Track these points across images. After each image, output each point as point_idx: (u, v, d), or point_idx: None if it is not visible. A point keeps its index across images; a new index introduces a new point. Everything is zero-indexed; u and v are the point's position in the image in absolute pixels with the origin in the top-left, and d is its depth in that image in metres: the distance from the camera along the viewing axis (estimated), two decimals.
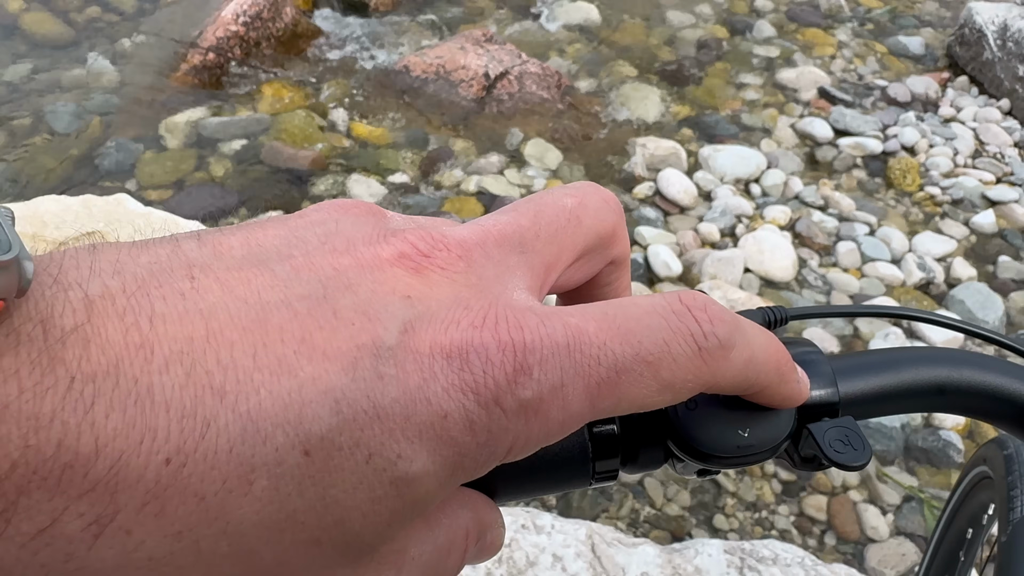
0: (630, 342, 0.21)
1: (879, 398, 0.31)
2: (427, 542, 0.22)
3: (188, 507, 0.17)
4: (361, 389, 0.18)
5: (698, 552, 1.54)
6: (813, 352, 0.31)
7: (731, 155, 2.57)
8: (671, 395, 0.22)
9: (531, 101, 2.74)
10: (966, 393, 0.32)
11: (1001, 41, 2.95)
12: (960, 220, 2.47)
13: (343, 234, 0.22)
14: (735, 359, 0.23)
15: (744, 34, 3.23)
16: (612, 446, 0.28)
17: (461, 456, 0.19)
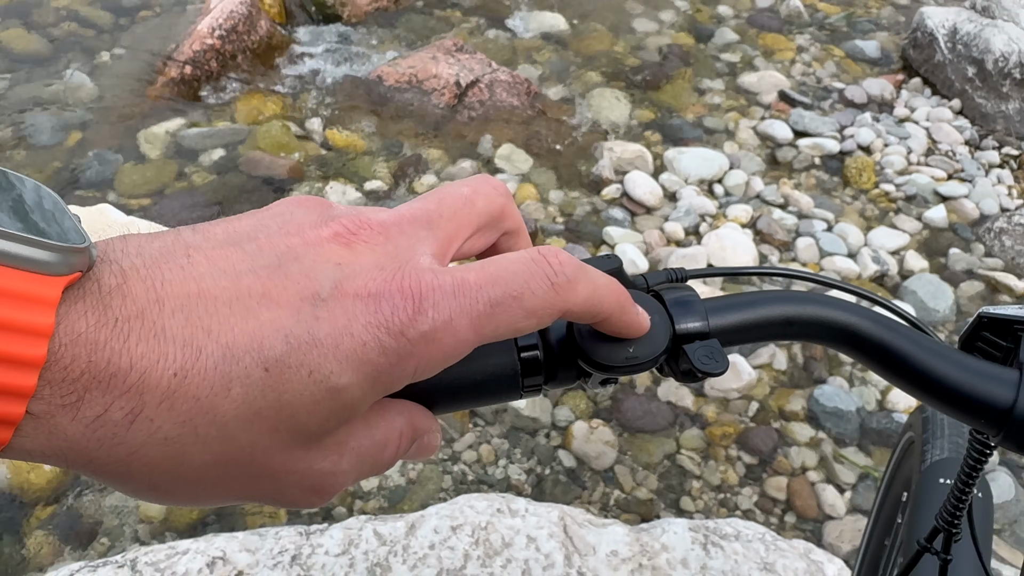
0: (500, 284, 0.29)
1: (742, 329, 0.40)
2: (365, 437, 0.31)
3: (189, 404, 0.26)
4: (303, 327, 0.27)
5: (664, 530, 1.62)
6: (691, 295, 0.40)
7: (695, 157, 2.67)
8: (536, 320, 0.30)
9: (502, 108, 2.83)
10: (808, 323, 0.41)
11: (951, 44, 3.08)
12: (913, 215, 2.58)
13: (295, 221, 0.31)
14: (581, 291, 0.31)
15: (707, 40, 3.34)
16: (536, 367, 0.37)
17: (378, 372, 0.28)
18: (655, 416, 1.95)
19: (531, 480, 1.84)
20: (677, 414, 1.97)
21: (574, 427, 1.91)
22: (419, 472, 1.82)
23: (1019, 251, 2.47)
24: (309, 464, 0.29)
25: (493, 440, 1.89)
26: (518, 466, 1.86)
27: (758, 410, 1.98)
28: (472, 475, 1.83)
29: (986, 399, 0.39)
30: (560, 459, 1.87)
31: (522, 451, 1.88)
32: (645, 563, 1.57)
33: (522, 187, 2.55)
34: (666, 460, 1.89)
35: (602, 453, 1.88)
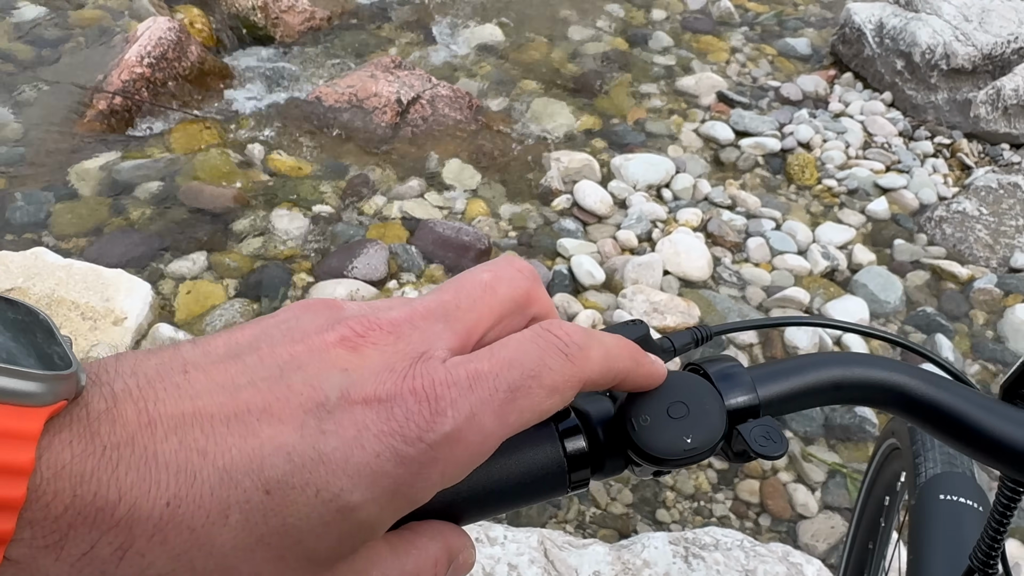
0: (516, 367, 0.27)
1: (791, 398, 0.38)
2: (393, 568, 0.28)
3: (183, 536, 0.24)
4: (308, 442, 0.25)
5: (645, 546, 1.61)
6: (734, 366, 0.38)
7: (641, 163, 2.68)
8: (559, 397, 0.28)
9: (445, 123, 2.80)
10: (856, 387, 0.40)
11: (879, 38, 3.16)
12: (857, 209, 2.64)
13: (301, 327, 0.28)
14: (595, 356, 0.29)
15: (643, 45, 3.36)
16: (583, 460, 0.34)
17: (397, 486, 0.25)
18: None
19: None
20: None
21: None
22: None
23: (960, 238, 2.54)
24: None
25: None
26: None
27: None
28: None
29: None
30: None
31: None
32: None
33: (472, 203, 2.52)
34: None
35: None
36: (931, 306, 2.32)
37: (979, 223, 2.59)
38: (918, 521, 0.80)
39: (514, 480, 0.33)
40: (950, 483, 0.81)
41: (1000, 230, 2.58)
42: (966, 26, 2.98)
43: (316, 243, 2.34)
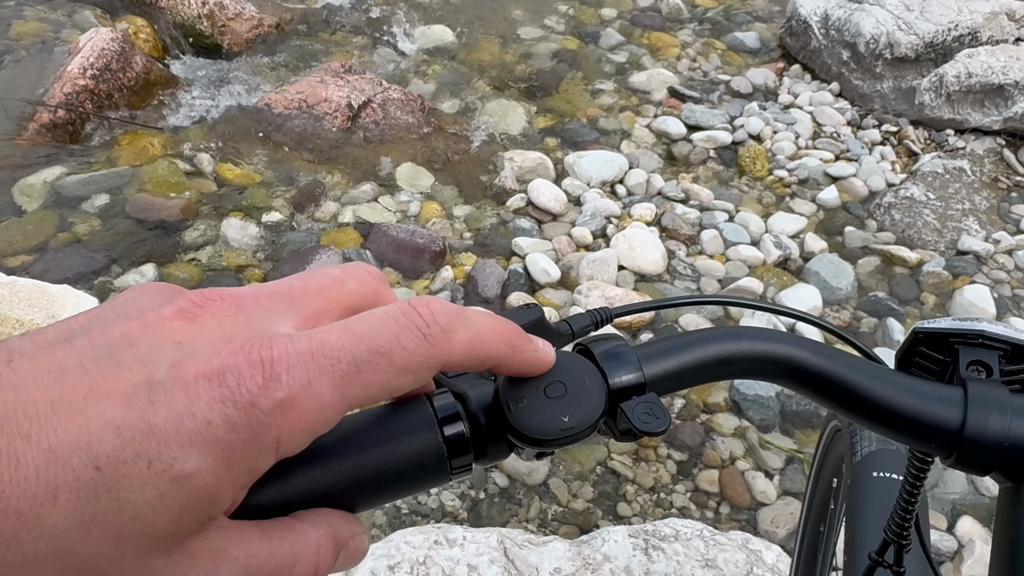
0: (365, 341, 0.27)
1: (678, 375, 0.38)
2: (258, 548, 0.27)
3: (10, 520, 0.23)
4: (137, 415, 0.24)
5: (604, 540, 1.62)
6: (621, 345, 0.37)
7: (595, 160, 2.69)
8: (411, 376, 0.28)
9: (397, 127, 2.78)
10: (746, 361, 0.40)
11: (825, 30, 3.20)
12: (808, 198, 2.67)
13: (137, 306, 0.28)
14: (459, 339, 0.29)
15: (594, 43, 3.37)
16: (463, 446, 0.34)
17: (231, 452, 0.25)
18: None
19: (466, 505, 1.80)
20: None
21: None
22: None
23: (908, 223, 2.58)
24: (173, 574, 0.25)
25: None
26: (451, 492, 1.82)
27: (683, 406, 2.00)
28: (406, 508, 1.79)
29: (934, 422, 0.38)
30: (493, 480, 1.85)
31: None
32: None
33: (426, 205, 2.51)
34: (599, 467, 1.89)
35: (534, 469, 1.86)
36: (882, 291, 2.35)
37: (927, 208, 2.63)
38: (853, 499, 0.81)
39: (395, 468, 0.33)
40: (883, 460, 0.82)
41: (947, 214, 2.62)
42: (908, 15, 3.04)
43: (268, 251, 2.31)
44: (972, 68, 2.84)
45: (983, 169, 2.81)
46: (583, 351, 0.38)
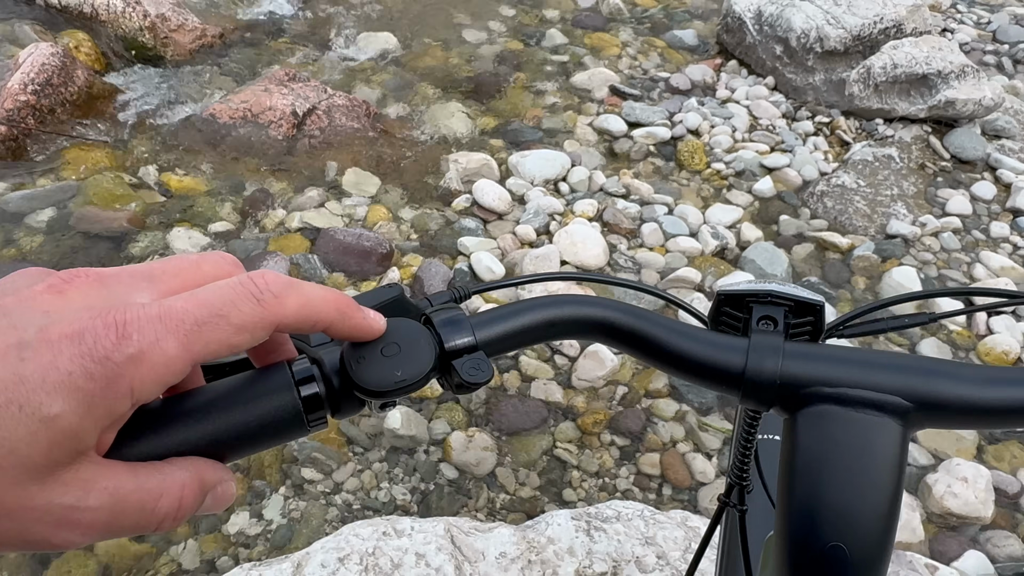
0: (206, 306, 0.33)
1: (508, 337, 0.44)
2: (127, 482, 0.33)
3: None
4: (9, 369, 0.30)
5: (548, 524, 1.67)
6: (458, 314, 0.43)
7: (538, 159, 2.75)
8: (248, 335, 0.34)
9: (343, 132, 2.82)
10: (567, 323, 0.46)
11: (758, 26, 3.31)
12: (744, 189, 2.76)
13: (14, 285, 0.33)
14: (291, 303, 0.35)
15: (537, 45, 3.44)
16: (317, 403, 0.39)
17: (90, 398, 0.30)
18: (529, 415, 2.00)
19: (416, 498, 1.85)
20: (550, 410, 2.03)
21: (452, 439, 1.94)
22: (302, 510, 1.80)
23: (840, 210, 2.68)
24: (48, 499, 0.31)
25: (373, 465, 1.89)
26: (402, 486, 1.87)
27: (625, 394, 2.07)
28: (357, 503, 1.83)
29: (723, 367, 0.44)
30: (442, 472, 1.90)
31: (403, 471, 1.89)
32: (534, 559, 1.62)
33: (373, 209, 2.55)
34: (545, 456, 1.95)
35: (482, 459, 1.91)
36: (815, 275, 2.45)
37: (857, 195, 2.73)
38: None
39: (259, 422, 0.38)
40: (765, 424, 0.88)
41: (877, 200, 2.73)
42: (836, 10, 3.14)
43: None
44: (897, 59, 2.96)
45: (910, 156, 2.92)
46: (426, 321, 0.44)
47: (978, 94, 2.95)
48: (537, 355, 2.15)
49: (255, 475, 1.85)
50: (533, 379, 2.09)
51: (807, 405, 0.43)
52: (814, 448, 0.43)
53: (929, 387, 0.43)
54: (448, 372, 0.42)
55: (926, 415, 0.43)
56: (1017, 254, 2.60)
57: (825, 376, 0.43)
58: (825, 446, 0.43)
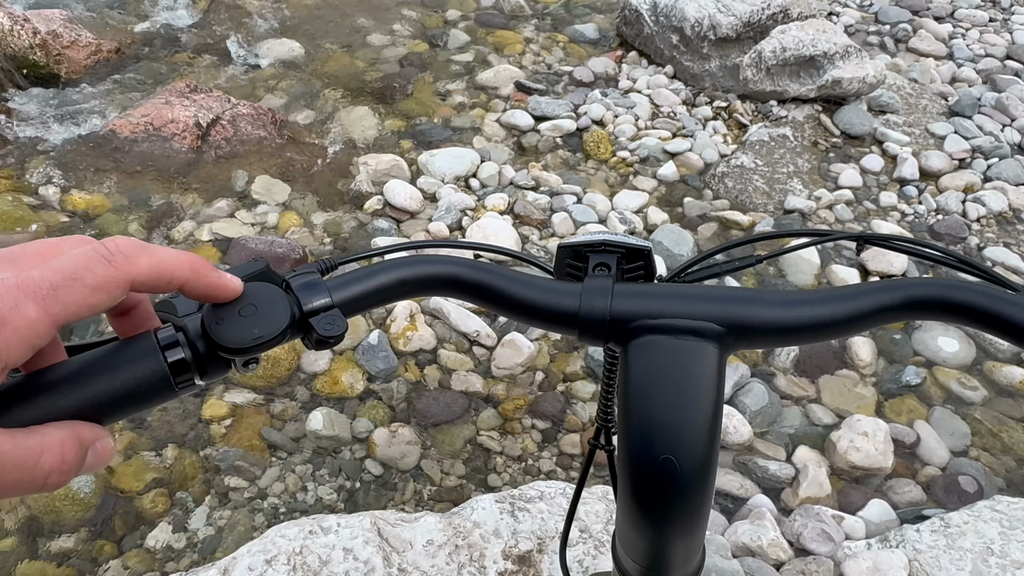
0: (60, 272, 0.36)
1: (364, 296, 0.48)
2: (5, 442, 0.36)
3: None
4: None
5: (473, 509, 1.71)
6: (315, 278, 0.47)
7: (447, 157, 2.79)
8: (105, 295, 0.37)
9: (250, 142, 2.80)
10: (420, 281, 0.50)
11: (655, 17, 3.41)
12: (649, 175, 2.85)
13: None
14: (143, 263, 0.38)
15: (441, 45, 3.48)
16: (183, 367, 0.42)
17: None
18: (451, 406, 2.04)
19: (343, 496, 1.87)
20: (471, 400, 2.07)
21: (375, 435, 1.96)
22: (228, 518, 1.80)
23: (740, 189, 2.79)
24: None
25: (298, 468, 1.90)
26: (327, 486, 1.88)
27: (543, 378, 2.13)
28: (283, 506, 1.84)
29: (561, 310, 0.49)
30: (368, 468, 1.92)
31: (328, 471, 1.90)
32: (461, 543, 1.65)
33: (284, 216, 2.55)
34: (468, 445, 1.99)
35: (406, 453, 1.94)
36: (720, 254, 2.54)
37: (756, 174, 2.85)
38: None
39: (129, 386, 0.41)
40: None
41: (774, 178, 2.85)
42: None
43: None
44: (785, 43, 3.10)
45: (804, 134, 3.06)
46: (287, 286, 0.47)
47: (862, 72, 3.10)
48: (456, 347, 2.18)
49: (177, 487, 1.83)
50: (453, 371, 2.12)
51: (635, 337, 0.48)
52: (643, 374, 0.48)
53: (739, 312, 0.48)
54: (308, 331, 0.45)
55: (738, 337, 0.48)
56: (905, 220, 2.75)
57: (648, 310, 0.48)
58: (653, 371, 0.48)
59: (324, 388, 2.05)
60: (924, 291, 0.49)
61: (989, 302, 0.48)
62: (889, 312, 0.50)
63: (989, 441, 2.10)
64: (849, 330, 0.50)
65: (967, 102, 3.27)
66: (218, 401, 1.99)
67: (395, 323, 2.19)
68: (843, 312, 0.49)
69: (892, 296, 0.50)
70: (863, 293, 0.50)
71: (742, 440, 2.00)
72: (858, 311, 0.49)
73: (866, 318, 0.50)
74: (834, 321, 0.49)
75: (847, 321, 0.49)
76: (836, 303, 0.49)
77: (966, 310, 0.48)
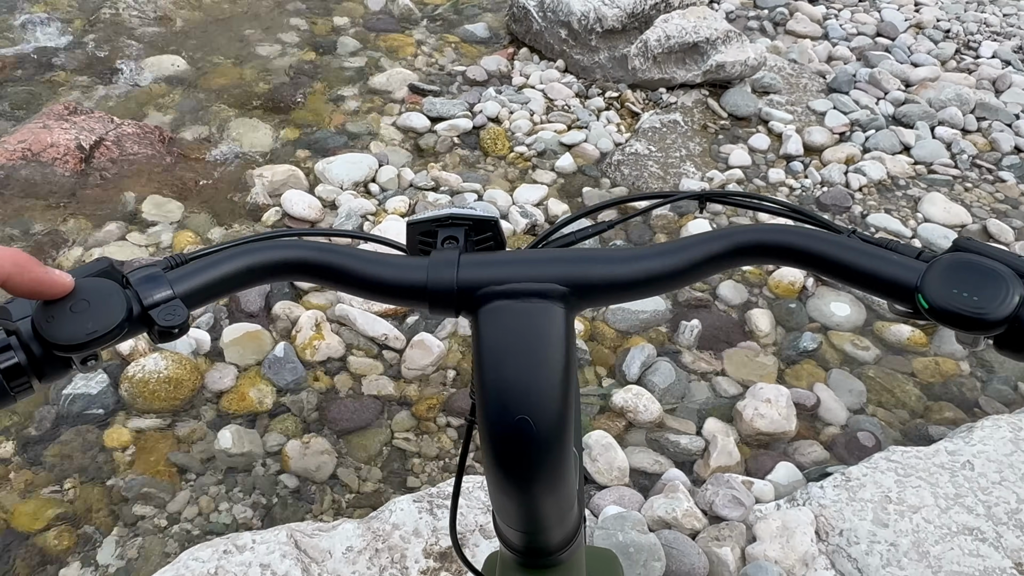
0: None
1: (208, 287, 0.48)
2: None
3: None
4: None
5: (392, 511, 1.71)
6: (155, 272, 0.47)
7: (344, 163, 2.76)
8: None
9: (137, 161, 2.72)
10: (267, 267, 0.50)
11: (542, 13, 3.46)
12: (547, 168, 2.88)
13: None
14: None
15: (332, 53, 3.44)
16: (18, 372, 0.41)
17: None
18: (363, 412, 2.02)
19: (259, 513, 1.83)
20: (384, 403, 2.06)
21: (288, 448, 1.93)
22: (139, 547, 1.74)
23: (636, 176, 2.86)
24: None
25: (210, 489, 1.85)
26: (242, 505, 1.84)
27: (455, 376, 2.13)
28: (196, 530, 1.79)
29: (410, 284, 0.50)
30: (283, 483, 1.88)
31: (242, 489, 1.86)
32: (381, 547, 1.65)
33: (179, 234, 2.48)
34: (384, 448, 1.98)
35: (322, 463, 1.92)
36: (620, 239, 2.60)
37: (650, 160, 2.92)
38: None
39: None
40: None
41: (668, 162, 2.93)
42: None
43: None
44: (669, 31, 3.18)
45: (693, 118, 3.15)
46: (127, 282, 0.46)
47: (743, 56, 3.22)
48: (365, 352, 2.17)
49: (82, 521, 1.77)
50: (363, 377, 2.11)
51: (484, 304, 0.50)
52: (494, 339, 0.49)
53: (580, 272, 0.50)
54: (151, 324, 0.45)
55: (582, 296, 0.50)
56: (794, 195, 2.87)
57: (494, 277, 0.50)
58: (503, 336, 0.49)
59: (231, 405, 2.00)
60: (747, 237, 0.52)
61: (803, 241, 0.51)
62: (720, 260, 0.52)
63: (883, 397, 2.21)
64: (685, 279, 0.52)
65: (843, 79, 3.43)
66: (120, 428, 1.93)
67: (300, 333, 2.15)
68: (677, 264, 0.52)
69: (720, 244, 0.52)
70: (693, 245, 0.53)
71: (652, 418, 2.05)
72: (690, 261, 0.52)
73: (699, 267, 0.52)
74: (671, 273, 0.51)
75: (682, 272, 0.52)
76: (670, 256, 0.52)
77: (785, 251, 0.51)
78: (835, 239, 0.51)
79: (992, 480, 1.81)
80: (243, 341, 2.13)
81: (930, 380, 2.27)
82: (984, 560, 1.65)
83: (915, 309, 0.47)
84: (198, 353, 2.10)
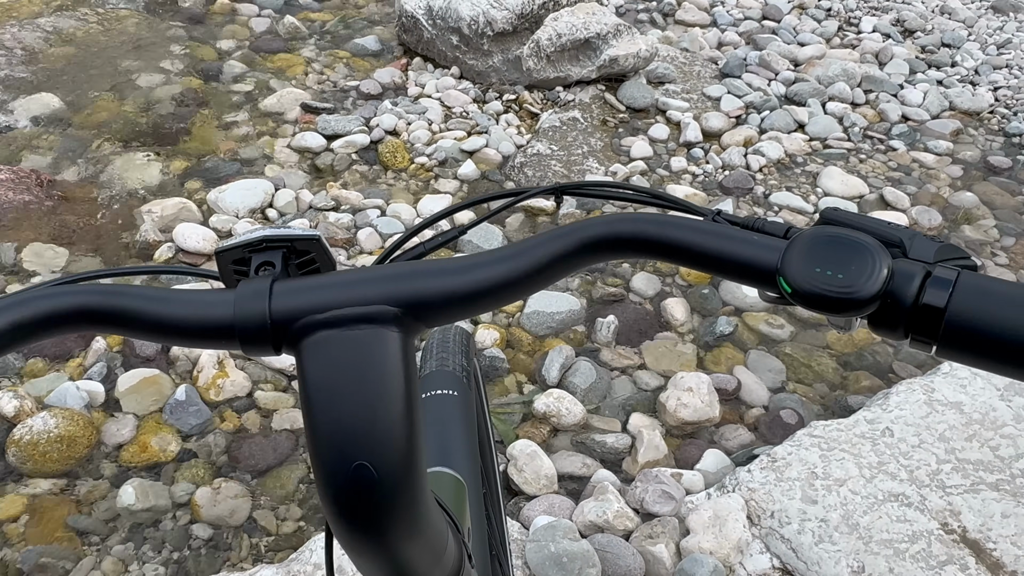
0: None
1: None
2: None
3: None
4: None
5: (312, 551, 1.62)
6: None
7: (238, 190, 2.65)
8: None
9: (13, 209, 2.55)
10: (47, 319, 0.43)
11: (431, 21, 3.40)
12: (450, 176, 2.83)
13: None
14: None
15: (217, 78, 3.31)
16: None
17: None
18: (277, 448, 1.93)
19: (171, 569, 1.72)
20: (297, 437, 1.97)
21: (197, 496, 1.82)
22: None
23: (540, 176, 2.82)
24: None
25: (115, 550, 1.73)
26: (153, 563, 1.73)
27: None
28: None
29: (214, 324, 0.44)
30: (195, 534, 1.78)
31: (151, 546, 1.75)
32: None
33: None
34: (302, 484, 1.88)
35: (235, 508, 1.82)
36: None
37: (553, 159, 2.90)
38: None
39: None
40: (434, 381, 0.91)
41: (571, 160, 2.91)
42: None
43: None
44: (560, 29, 3.17)
45: (592, 114, 3.14)
46: None
47: (635, 48, 3.23)
48: (273, 386, 2.07)
49: None
50: (274, 411, 2.01)
51: (305, 336, 0.44)
52: (320, 375, 0.43)
53: (411, 289, 0.44)
54: None
55: (417, 316, 0.45)
56: (697, 182, 2.88)
57: (313, 304, 0.44)
58: (330, 371, 0.43)
59: (132, 458, 1.88)
60: (594, 231, 0.48)
61: (655, 229, 0.46)
62: (569, 259, 0.48)
63: (802, 373, 2.23)
64: (533, 285, 0.47)
65: (734, 63, 3.48)
66: (11, 497, 1.79)
67: (203, 373, 2.04)
68: (521, 268, 0.46)
69: (566, 243, 0.48)
70: (536, 247, 0.48)
71: (576, 420, 2.01)
72: (534, 265, 0.47)
73: (546, 270, 0.47)
74: (516, 279, 0.46)
75: (528, 276, 0.47)
76: (510, 261, 0.47)
77: (638, 242, 0.47)
78: (691, 224, 0.46)
79: (911, 444, 1.83)
80: (140, 388, 2.01)
81: (845, 351, 2.30)
82: (911, 525, 1.66)
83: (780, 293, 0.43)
84: (92, 406, 1.96)
